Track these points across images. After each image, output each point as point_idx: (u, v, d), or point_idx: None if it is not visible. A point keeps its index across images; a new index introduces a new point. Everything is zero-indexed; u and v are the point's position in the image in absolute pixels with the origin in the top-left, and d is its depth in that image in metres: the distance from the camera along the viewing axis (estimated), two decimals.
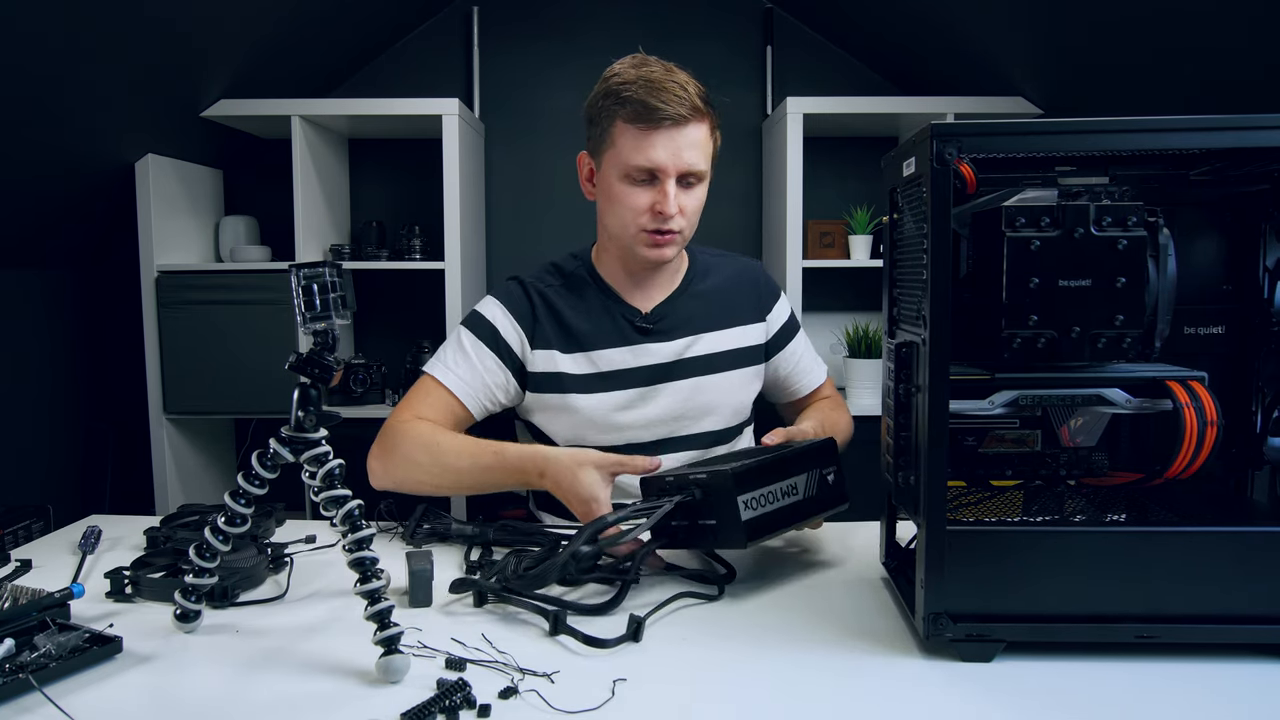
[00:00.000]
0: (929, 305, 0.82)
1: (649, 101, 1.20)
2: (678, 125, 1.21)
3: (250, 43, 2.31)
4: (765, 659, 0.86)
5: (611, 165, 1.26)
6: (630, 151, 1.23)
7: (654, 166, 1.22)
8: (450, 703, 0.74)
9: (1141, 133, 0.83)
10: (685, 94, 1.21)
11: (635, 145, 1.22)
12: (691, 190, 1.27)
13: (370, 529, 0.86)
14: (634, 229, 1.27)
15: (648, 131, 1.21)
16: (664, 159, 1.22)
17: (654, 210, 1.24)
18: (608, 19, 2.85)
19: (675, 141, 1.22)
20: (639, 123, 1.21)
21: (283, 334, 2.39)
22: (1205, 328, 0.95)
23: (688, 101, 1.21)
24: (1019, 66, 2.33)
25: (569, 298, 1.35)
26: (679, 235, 1.28)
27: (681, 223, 1.26)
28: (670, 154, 1.22)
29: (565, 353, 1.32)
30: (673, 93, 1.20)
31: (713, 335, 1.36)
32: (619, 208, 1.27)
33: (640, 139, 1.22)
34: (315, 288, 0.85)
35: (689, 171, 1.24)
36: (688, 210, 1.27)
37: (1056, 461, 0.91)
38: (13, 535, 1.95)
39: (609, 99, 1.24)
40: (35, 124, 1.94)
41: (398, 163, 2.86)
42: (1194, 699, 0.77)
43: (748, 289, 1.42)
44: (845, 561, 1.13)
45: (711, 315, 1.37)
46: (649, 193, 1.24)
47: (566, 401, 1.31)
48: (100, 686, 0.80)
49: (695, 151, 1.23)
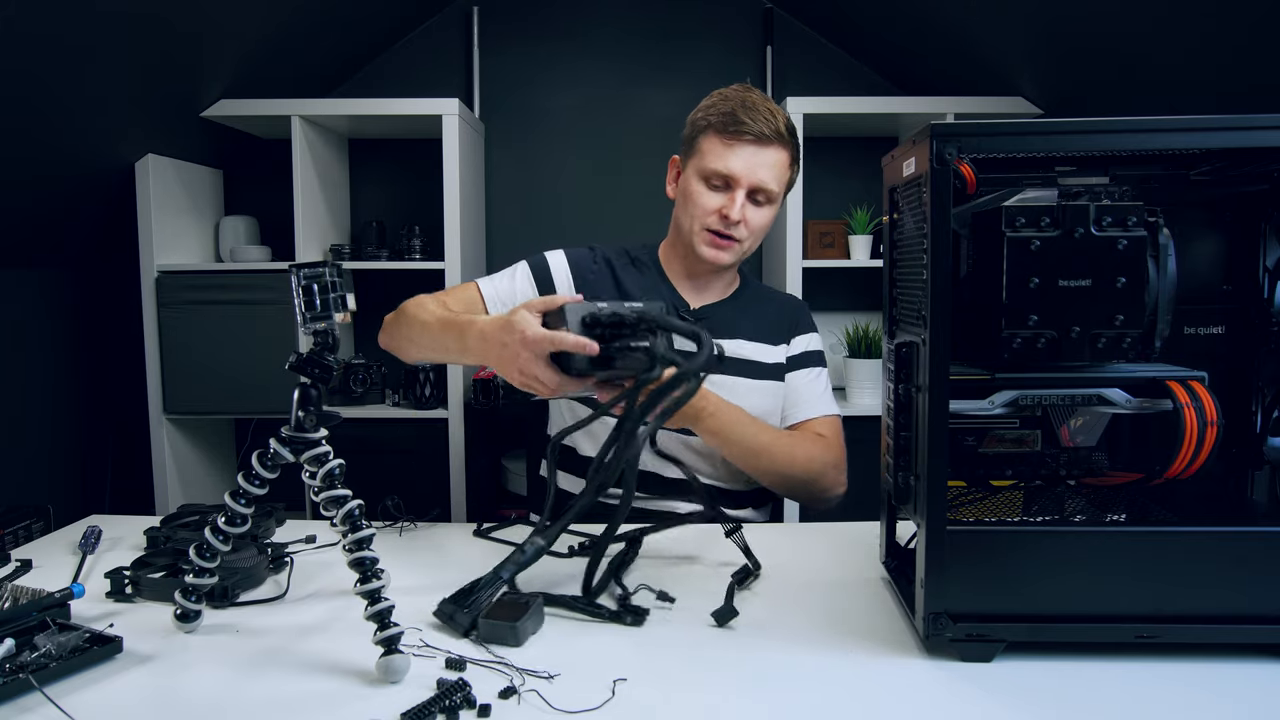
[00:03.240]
0: (929, 305, 0.82)
1: (738, 115, 1.31)
2: (759, 143, 1.31)
3: (250, 43, 2.31)
4: (765, 659, 0.86)
5: (694, 168, 1.37)
6: (712, 157, 1.33)
7: (729, 174, 1.32)
8: (450, 703, 0.74)
9: (1141, 133, 0.83)
10: (773, 119, 1.32)
11: (717, 152, 1.33)
12: (760, 208, 1.35)
13: (370, 529, 0.86)
14: (699, 227, 1.36)
15: (731, 142, 1.32)
16: (739, 169, 1.32)
17: (721, 213, 1.33)
18: (608, 19, 2.85)
19: (754, 157, 1.32)
20: (725, 133, 1.32)
21: (283, 334, 2.39)
22: (1205, 328, 0.95)
23: (774, 125, 1.32)
24: (1019, 66, 2.33)
25: (632, 272, 1.45)
26: (739, 244, 1.37)
27: (744, 233, 1.36)
28: (746, 166, 1.32)
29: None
30: (761, 113, 1.31)
31: (749, 344, 1.42)
32: (691, 205, 1.36)
33: (723, 148, 1.32)
34: (315, 288, 0.85)
35: (760, 188, 1.33)
36: (752, 224, 1.36)
37: (1056, 461, 0.91)
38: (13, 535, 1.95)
39: (707, 111, 1.36)
40: (35, 124, 1.94)
41: (398, 163, 2.86)
42: (1194, 699, 0.77)
43: (786, 316, 1.49)
44: (845, 561, 1.13)
45: (751, 327, 1.43)
46: (720, 198, 1.34)
47: None
48: (100, 686, 0.80)
49: (770, 171, 1.33)
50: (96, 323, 2.65)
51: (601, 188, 2.89)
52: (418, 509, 1.31)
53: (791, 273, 2.47)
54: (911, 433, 0.88)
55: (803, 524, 1.32)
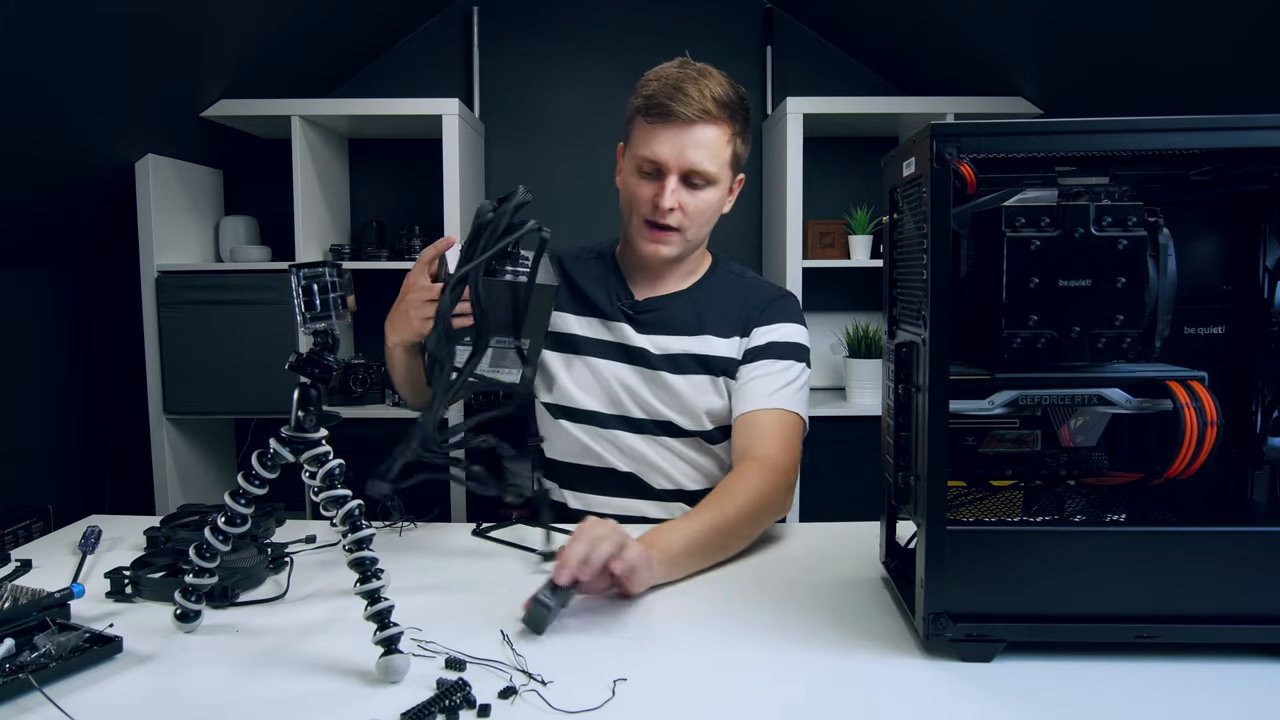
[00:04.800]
0: (929, 305, 0.82)
1: (659, 98, 1.25)
2: (686, 125, 1.25)
3: (250, 43, 2.31)
4: (765, 659, 0.86)
5: (628, 157, 1.33)
6: (639, 144, 1.29)
7: (656, 160, 1.27)
8: (450, 703, 0.74)
9: (1141, 133, 0.83)
10: (701, 96, 1.24)
11: (644, 138, 1.28)
12: (697, 191, 1.29)
13: (370, 529, 0.86)
14: (636, 219, 1.32)
15: (655, 126, 1.26)
16: (667, 154, 1.26)
17: (654, 203, 1.28)
18: (608, 19, 2.85)
19: (680, 139, 1.25)
20: (649, 117, 1.27)
21: (283, 334, 2.39)
22: (1205, 328, 0.95)
23: (699, 104, 1.24)
24: (1019, 66, 2.33)
25: (584, 265, 1.43)
26: (677, 233, 1.31)
27: (681, 220, 1.30)
28: (674, 151, 1.26)
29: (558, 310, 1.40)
30: (688, 93, 1.24)
31: (682, 339, 1.36)
32: (626, 196, 1.33)
33: (649, 133, 1.27)
34: (315, 288, 0.85)
35: (692, 170, 1.27)
36: (690, 210, 1.29)
37: (1056, 461, 0.91)
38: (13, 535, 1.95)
39: (636, 96, 1.30)
40: (35, 124, 1.94)
41: (398, 163, 2.86)
42: (1194, 699, 0.77)
43: (748, 307, 1.38)
44: (845, 561, 1.13)
45: (705, 319, 1.38)
46: (653, 186, 1.29)
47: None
48: (100, 686, 0.80)
49: (702, 152, 1.26)
50: (96, 323, 2.65)
51: (601, 188, 2.88)
52: (418, 509, 1.31)
53: (791, 273, 2.47)
54: (911, 433, 0.88)
55: (803, 524, 1.32)
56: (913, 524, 0.89)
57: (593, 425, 1.38)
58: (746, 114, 1.32)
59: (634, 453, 1.36)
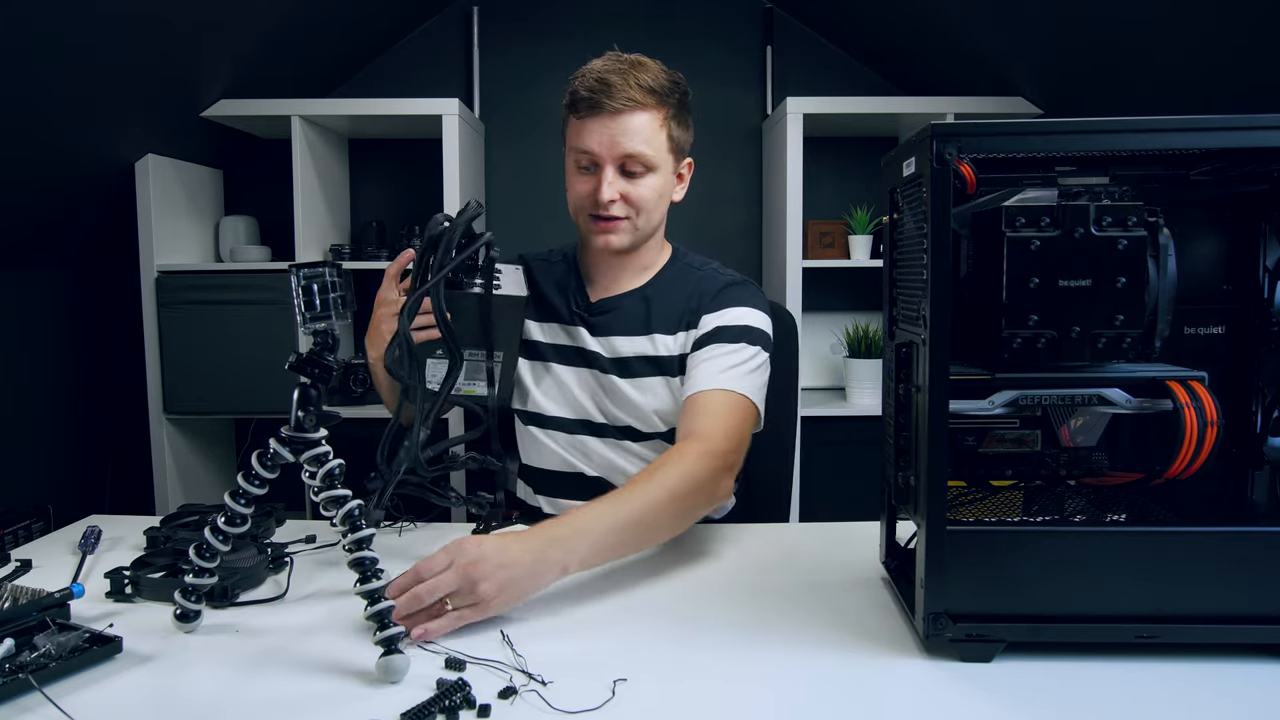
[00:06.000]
0: (929, 305, 0.82)
1: (587, 95, 1.25)
2: (614, 115, 1.24)
3: (250, 43, 2.31)
4: (765, 659, 0.86)
5: (568, 155, 1.33)
6: (572, 139, 1.29)
7: (589, 151, 1.27)
8: (450, 703, 0.74)
9: (1141, 133, 0.83)
10: (626, 85, 1.23)
11: (575, 132, 1.29)
12: (638, 179, 1.28)
13: (370, 529, 0.86)
14: (581, 215, 1.33)
15: (585, 121, 1.27)
16: (597, 146, 1.26)
17: (594, 197, 1.29)
18: (608, 19, 2.84)
19: (610, 129, 1.25)
20: (578, 113, 1.27)
21: (283, 334, 2.39)
22: (1205, 328, 0.95)
23: (625, 93, 1.23)
24: (1019, 66, 2.33)
25: (546, 268, 1.44)
26: (625, 222, 1.30)
27: (626, 209, 1.29)
28: (605, 141, 1.25)
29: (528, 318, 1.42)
30: (616, 86, 1.24)
31: (632, 339, 1.35)
32: (569, 194, 1.34)
33: (579, 127, 1.28)
34: (315, 288, 0.85)
35: (628, 156, 1.26)
36: (633, 198, 1.29)
37: (1056, 461, 0.91)
38: (13, 535, 1.95)
39: (565, 95, 1.31)
40: (35, 124, 1.94)
41: (398, 163, 2.86)
42: (1194, 699, 0.77)
43: (695, 298, 1.34)
44: (845, 561, 1.13)
45: (642, 320, 1.36)
46: (591, 179, 1.29)
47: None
48: (100, 686, 0.80)
49: (636, 138, 1.25)
50: (96, 323, 2.65)
51: None
52: (418, 509, 1.31)
53: (791, 273, 2.47)
54: (911, 433, 0.88)
55: (803, 524, 1.32)
56: (913, 524, 0.89)
57: (559, 431, 1.38)
58: (682, 97, 1.30)
59: (600, 457, 1.37)
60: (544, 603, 0.99)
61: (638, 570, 1.11)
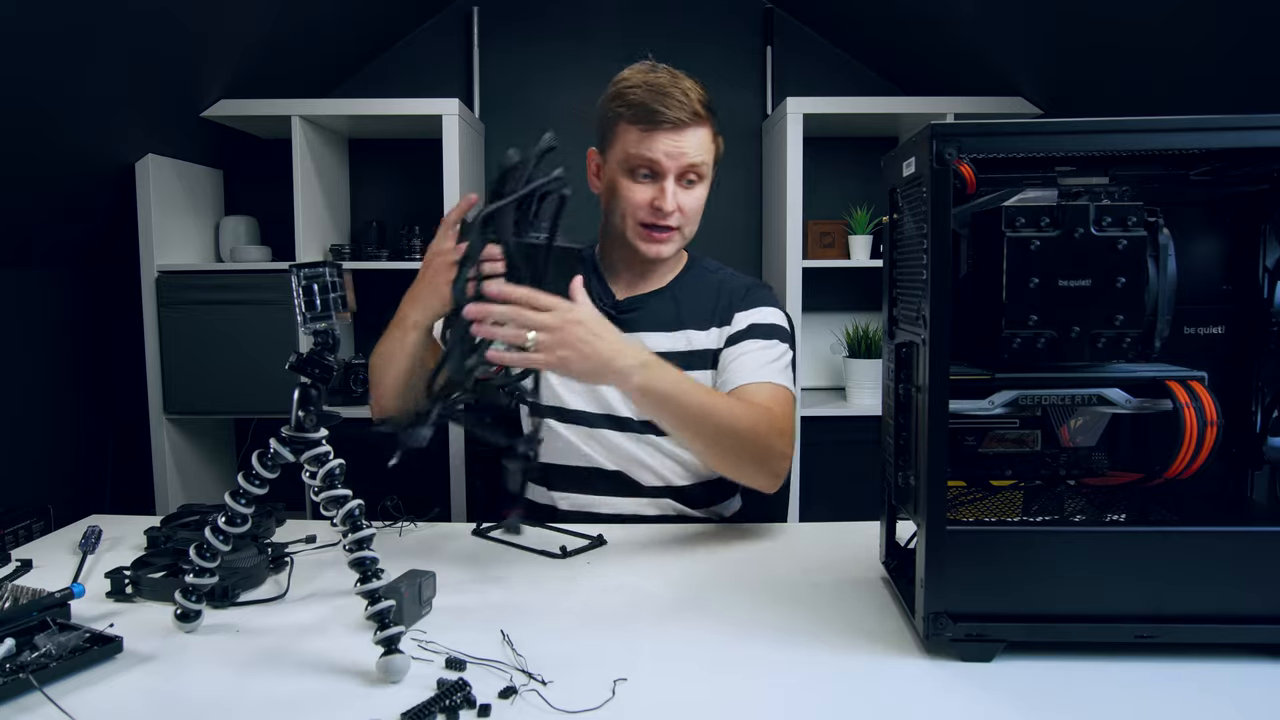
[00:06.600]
0: (929, 305, 0.82)
1: (651, 105, 1.27)
2: (679, 128, 1.28)
3: (250, 43, 2.31)
4: (765, 659, 0.86)
5: (616, 161, 1.34)
6: (632, 148, 1.30)
7: (655, 162, 1.29)
8: (450, 703, 0.74)
9: (1141, 133, 0.83)
10: (687, 100, 1.28)
11: (635, 141, 1.30)
12: (691, 189, 1.33)
13: (370, 529, 0.86)
14: (632, 223, 1.33)
15: (649, 132, 1.29)
16: (663, 157, 1.29)
17: (652, 205, 1.31)
18: (608, 19, 2.84)
19: (677, 141, 1.29)
20: (641, 124, 1.29)
21: (283, 334, 2.39)
22: (1205, 328, 0.95)
23: (689, 107, 1.28)
24: (1019, 66, 2.33)
25: None
26: (677, 232, 1.34)
27: (680, 219, 1.33)
28: (672, 152, 1.29)
29: None
30: (674, 98, 1.27)
31: (663, 335, 1.37)
32: (620, 202, 1.33)
33: (642, 138, 1.29)
34: (315, 288, 0.86)
35: (689, 168, 1.31)
36: (687, 209, 1.33)
37: (1056, 461, 0.91)
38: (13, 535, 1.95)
39: (616, 101, 1.32)
40: (35, 124, 1.94)
41: (398, 163, 2.86)
42: (1194, 699, 0.78)
43: (727, 295, 1.40)
44: (845, 561, 1.13)
45: (672, 318, 1.39)
46: (650, 188, 1.31)
47: None
48: (100, 686, 0.80)
49: (698, 150, 1.30)
50: (96, 323, 2.65)
51: None
52: (417, 509, 1.31)
53: (791, 273, 2.47)
54: (911, 433, 0.88)
55: (803, 524, 1.32)
56: (913, 524, 0.89)
57: (580, 425, 1.38)
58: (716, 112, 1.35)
59: (621, 451, 1.36)
60: (544, 603, 1.00)
61: (638, 570, 1.11)
